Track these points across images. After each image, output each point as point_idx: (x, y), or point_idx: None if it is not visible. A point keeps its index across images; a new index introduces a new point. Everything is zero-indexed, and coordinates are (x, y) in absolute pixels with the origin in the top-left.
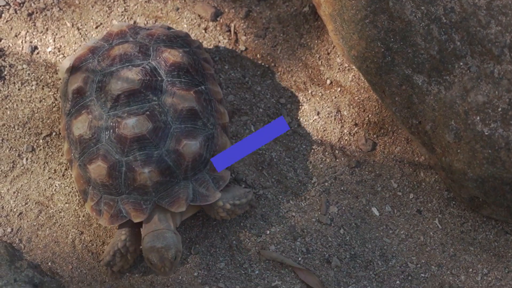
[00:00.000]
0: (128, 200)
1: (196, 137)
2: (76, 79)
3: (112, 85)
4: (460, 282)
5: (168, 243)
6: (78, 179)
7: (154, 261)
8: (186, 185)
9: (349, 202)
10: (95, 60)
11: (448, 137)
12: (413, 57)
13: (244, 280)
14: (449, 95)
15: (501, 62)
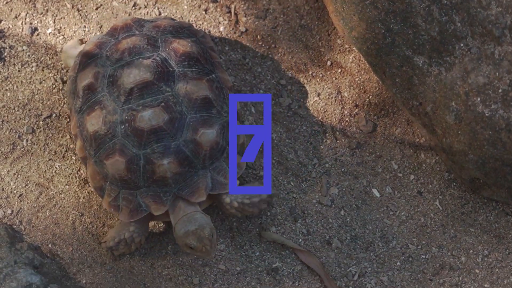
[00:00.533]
0: (147, 193)
1: (213, 126)
2: (86, 75)
3: (124, 79)
4: (461, 263)
5: (201, 223)
6: (94, 176)
7: (193, 244)
8: (205, 174)
9: (349, 183)
10: (104, 55)
11: (449, 118)
12: (413, 38)
13: (245, 262)
14: (450, 76)
15: (501, 43)
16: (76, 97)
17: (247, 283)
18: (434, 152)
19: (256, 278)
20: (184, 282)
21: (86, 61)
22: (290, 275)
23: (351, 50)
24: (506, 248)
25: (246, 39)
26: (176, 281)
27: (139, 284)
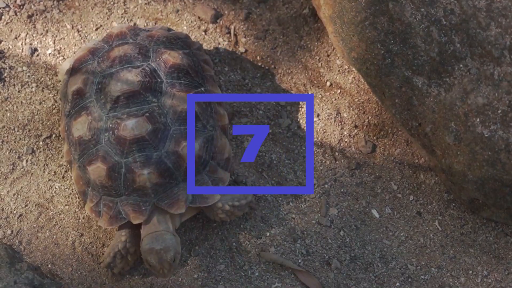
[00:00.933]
0: (127, 201)
1: (196, 139)
2: (76, 80)
3: (112, 87)
4: (460, 284)
5: (167, 245)
6: (78, 180)
7: (153, 263)
8: (185, 187)
9: (349, 204)
10: (95, 62)
11: (448, 139)
12: (413, 59)
13: (244, 282)
14: (449, 97)
15: (501, 64)
16: (66, 100)
17: None
18: (434, 172)
19: None
20: None
21: (78, 66)
22: None
23: (350, 70)
24: (506, 269)
25: (245, 60)
26: None
27: None
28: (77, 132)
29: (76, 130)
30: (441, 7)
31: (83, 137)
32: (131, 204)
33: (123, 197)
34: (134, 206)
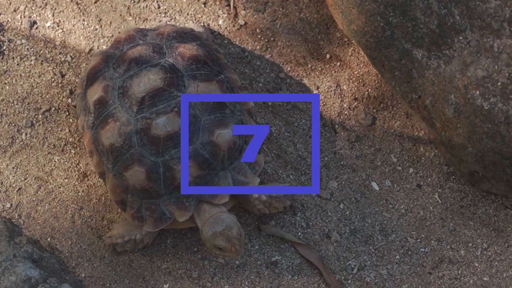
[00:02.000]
0: (170, 200)
1: (227, 125)
2: (95, 90)
3: (135, 88)
4: (460, 256)
5: (228, 223)
6: (115, 189)
7: (222, 245)
8: (225, 175)
9: (348, 176)
10: (111, 68)
11: (448, 111)
12: (412, 31)
13: (244, 255)
14: (449, 70)
15: (500, 36)
16: (87, 113)
17: (246, 277)
18: (433, 145)
19: (255, 271)
20: (183, 275)
21: (93, 76)
22: (289, 269)
23: (350, 43)
24: (505, 241)
25: (245, 32)
26: (175, 274)
27: (138, 277)
28: (107, 140)
29: (106, 139)
30: None
31: (115, 144)
32: (174, 202)
33: (165, 197)
34: (177, 203)
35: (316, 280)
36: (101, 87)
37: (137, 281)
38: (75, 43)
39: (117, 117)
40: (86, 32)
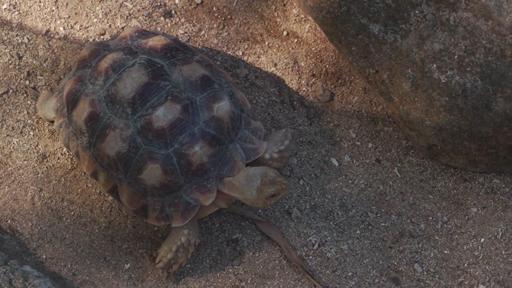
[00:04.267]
0: (191, 188)
1: (222, 98)
2: (82, 108)
3: (122, 92)
4: (420, 230)
5: (260, 172)
6: (132, 198)
7: (272, 191)
8: (235, 147)
9: (308, 153)
10: (88, 84)
11: (405, 85)
12: (368, 6)
13: (205, 234)
14: (406, 44)
15: (456, 10)
16: (79, 135)
17: (207, 255)
18: (392, 119)
19: (216, 249)
20: (145, 255)
21: (73, 99)
22: (250, 246)
23: (307, 19)
24: (465, 214)
25: (202, 11)
26: (136, 254)
27: (99, 258)
28: (112, 150)
29: (111, 149)
30: None
31: (121, 151)
32: (196, 188)
33: (186, 186)
34: (199, 188)
35: (277, 256)
36: (87, 104)
37: (98, 261)
38: (31, 24)
39: (114, 125)
40: (43, 14)
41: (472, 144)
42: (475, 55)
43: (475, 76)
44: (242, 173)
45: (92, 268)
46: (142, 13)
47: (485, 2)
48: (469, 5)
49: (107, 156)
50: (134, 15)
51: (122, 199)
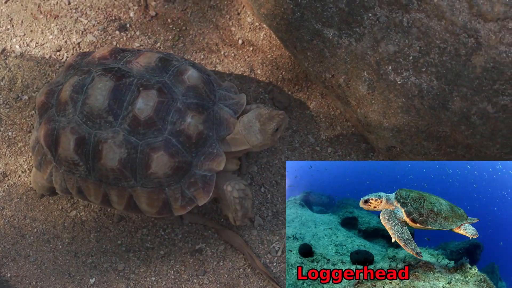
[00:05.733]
0: (200, 161)
1: (187, 68)
2: (66, 141)
3: (97, 104)
4: None
5: (250, 116)
6: (151, 198)
7: (275, 125)
8: (220, 107)
9: (268, 160)
10: (60, 118)
11: (362, 88)
12: (322, 11)
13: (168, 245)
14: (360, 47)
15: (409, 11)
16: (74, 169)
17: (171, 266)
18: (350, 123)
19: (180, 260)
20: (109, 269)
21: (52, 139)
22: (214, 255)
23: (261, 27)
24: None
25: (156, 23)
26: (101, 268)
27: (64, 274)
28: (113, 161)
29: (111, 160)
30: None
31: (122, 157)
32: (204, 158)
33: (195, 161)
34: (208, 157)
35: (241, 265)
36: (69, 134)
37: (63, 277)
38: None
39: (104, 138)
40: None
41: (430, 144)
42: (429, 56)
43: (431, 76)
44: (238, 126)
45: (57, 284)
46: (97, 28)
47: (438, 2)
48: (421, 6)
49: (111, 169)
50: (89, 30)
51: (142, 205)
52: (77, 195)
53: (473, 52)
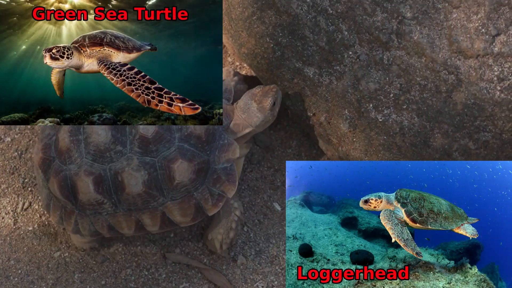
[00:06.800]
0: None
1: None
2: (85, 186)
3: (101, 139)
4: None
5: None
6: (183, 207)
7: (269, 101)
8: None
9: (250, 199)
10: (68, 166)
11: (343, 126)
12: (302, 50)
13: (152, 285)
14: (341, 85)
15: (389, 48)
16: (99, 208)
17: None
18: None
19: None
20: None
21: (68, 189)
22: None
23: (242, 67)
24: None
25: None
26: None
27: None
28: (137, 187)
29: (135, 186)
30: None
31: (145, 179)
32: (219, 152)
33: (211, 158)
34: (222, 149)
35: None
36: (87, 178)
37: None
38: None
39: (120, 167)
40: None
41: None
42: (410, 93)
43: (412, 113)
44: (236, 112)
45: None
46: None
47: (418, 40)
48: (402, 43)
49: (138, 194)
50: None
51: (176, 218)
52: (109, 233)
53: (454, 88)
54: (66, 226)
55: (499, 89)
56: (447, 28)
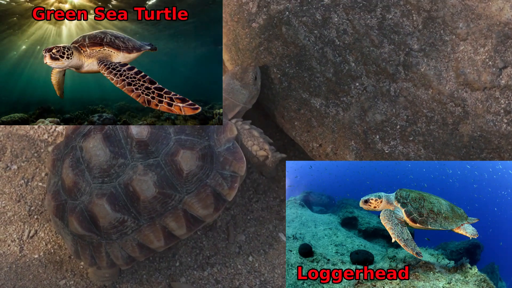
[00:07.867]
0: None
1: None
2: (101, 210)
3: (101, 160)
4: None
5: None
6: (201, 198)
7: (250, 76)
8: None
9: (256, 229)
10: (80, 200)
11: (349, 157)
12: (309, 81)
13: None
14: (348, 116)
15: (396, 80)
16: (124, 228)
17: None
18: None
19: None
20: None
21: (87, 222)
22: None
23: None
24: None
25: None
26: None
27: None
28: (151, 190)
29: (148, 190)
30: (334, 28)
31: (155, 180)
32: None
33: (211, 140)
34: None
35: None
36: (101, 201)
37: None
38: None
39: (128, 178)
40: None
41: None
42: (417, 125)
43: (418, 145)
44: (225, 102)
45: None
46: None
47: (425, 72)
48: (409, 75)
49: (153, 197)
50: None
51: (199, 212)
52: (140, 254)
53: (461, 121)
54: (99, 263)
55: (506, 122)
56: (454, 60)
